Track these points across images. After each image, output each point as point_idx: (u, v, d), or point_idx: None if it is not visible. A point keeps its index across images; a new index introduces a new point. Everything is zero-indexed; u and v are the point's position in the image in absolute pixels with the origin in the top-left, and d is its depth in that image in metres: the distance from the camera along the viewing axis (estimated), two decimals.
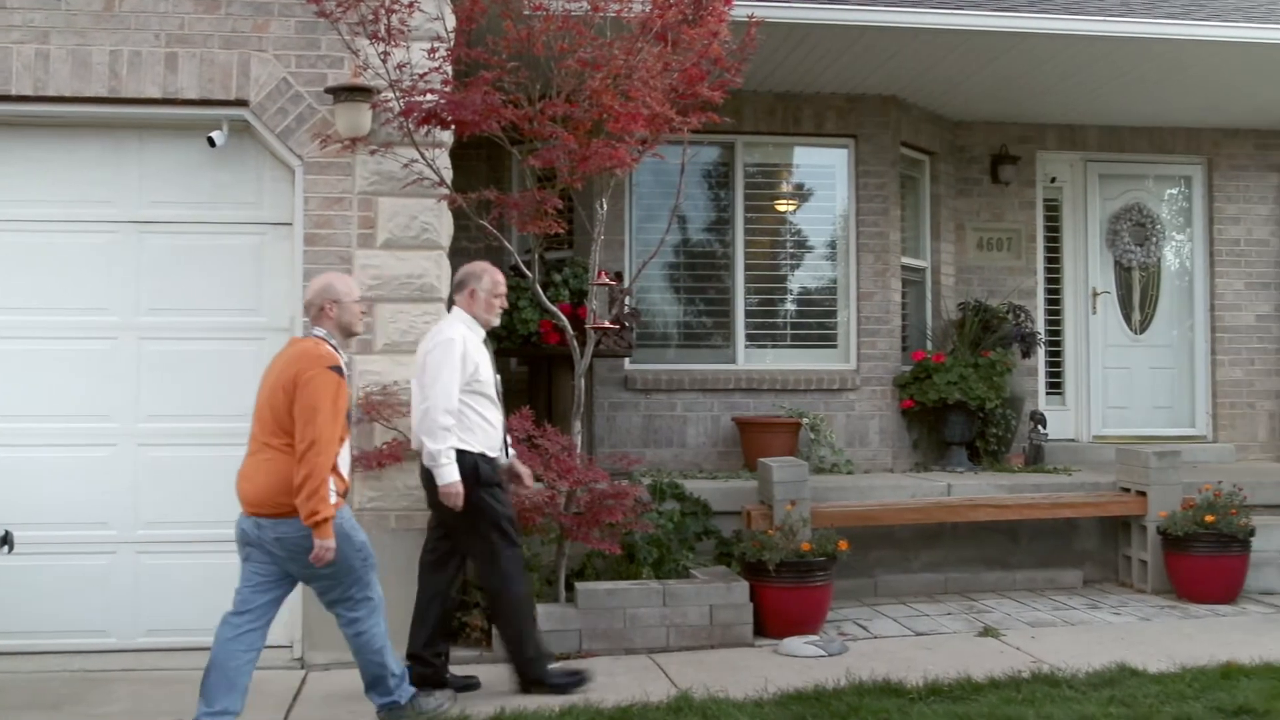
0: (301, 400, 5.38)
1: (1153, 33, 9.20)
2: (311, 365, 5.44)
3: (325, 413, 5.38)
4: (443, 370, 6.10)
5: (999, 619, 7.86)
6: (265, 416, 5.52)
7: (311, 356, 5.49)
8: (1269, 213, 12.05)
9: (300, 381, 5.40)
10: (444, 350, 6.15)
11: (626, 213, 10.12)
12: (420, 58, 6.76)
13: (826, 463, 9.87)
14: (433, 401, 6.07)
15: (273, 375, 5.58)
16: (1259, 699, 5.76)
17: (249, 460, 5.57)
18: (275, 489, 5.40)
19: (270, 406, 5.49)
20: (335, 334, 5.70)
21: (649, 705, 5.81)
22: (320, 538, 5.35)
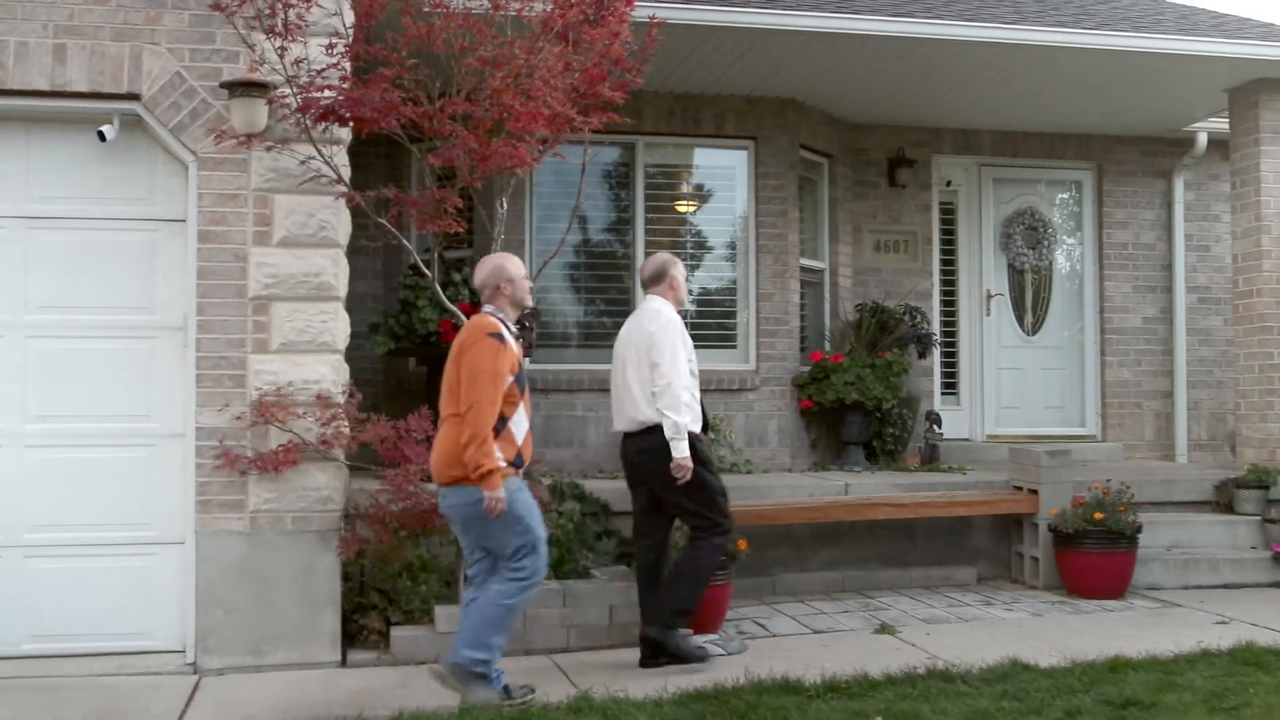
0: (465, 366, 5.83)
1: (1044, 40, 9.39)
2: (474, 334, 5.91)
3: (485, 374, 5.78)
4: (678, 349, 6.67)
5: (895, 616, 7.96)
6: (448, 390, 5.95)
7: (476, 326, 5.97)
8: (1155, 218, 12.36)
9: (465, 349, 5.87)
10: (671, 331, 6.71)
11: (527, 212, 10.08)
12: (318, 53, 6.66)
13: (726, 462, 9.91)
14: (673, 378, 6.59)
15: (452, 351, 6.01)
16: (1145, 691, 5.90)
17: (437, 433, 6.06)
18: (443, 460, 5.90)
19: (449, 378, 5.94)
20: (507, 309, 6.12)
21: (549, 705, 5.79)
22: (488, 489, 5.72)
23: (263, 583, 6.71)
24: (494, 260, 6.23)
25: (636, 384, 6.73)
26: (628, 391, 6.79)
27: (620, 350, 6.95)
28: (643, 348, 6.72)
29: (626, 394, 6.80)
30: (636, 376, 6.73)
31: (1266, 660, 6.53)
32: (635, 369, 6.74)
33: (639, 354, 6.73)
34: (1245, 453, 10.22)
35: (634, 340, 6.82)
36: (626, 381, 6.81)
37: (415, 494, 6.75)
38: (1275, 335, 10.01)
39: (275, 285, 6.81)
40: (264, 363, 6.78)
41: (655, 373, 6.62)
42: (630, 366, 6.78)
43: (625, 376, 6.82)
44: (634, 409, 6.75)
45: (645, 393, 6.69)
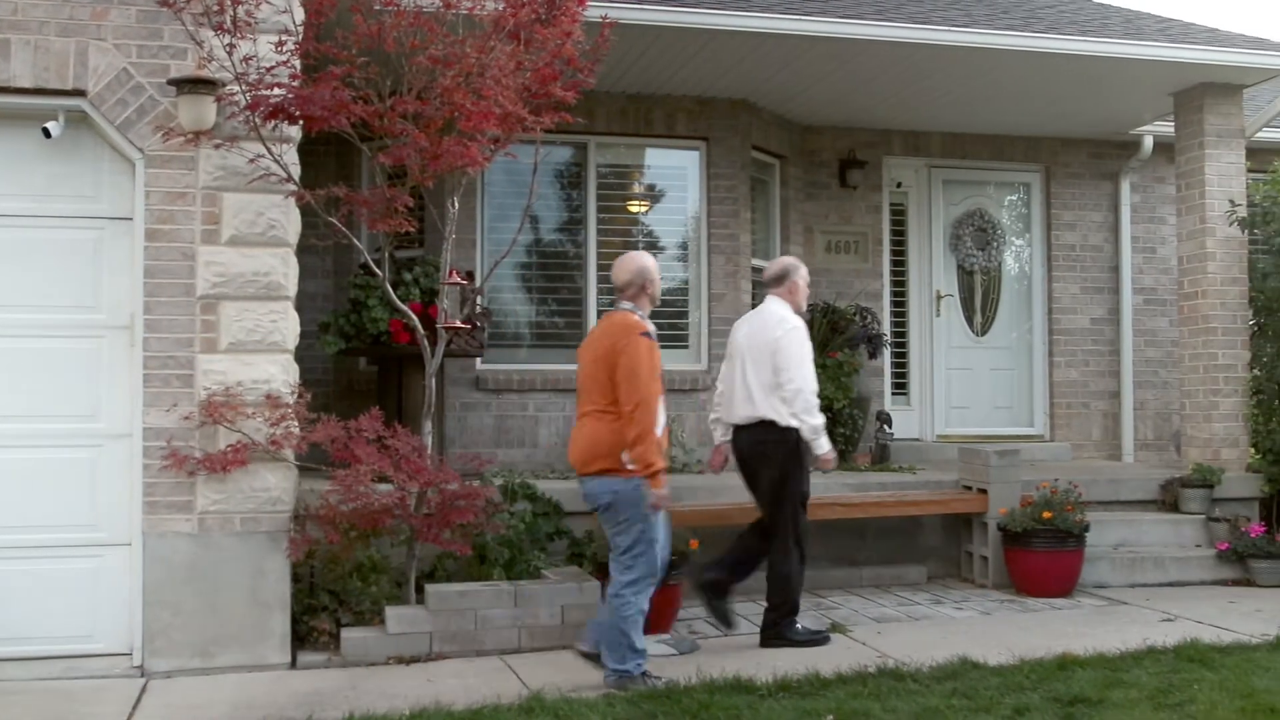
0: (622, 365, 6.09)
1: (994, 44, 9.46)
2: (626, 332, 6.18)
3: (646, 373, 6.09)
4: (805, 355, 7.10)
5: (846, 615, 8.00)
6: (589, 387, 6.28)
7: (624, 326, 6.24)
8: (1103, 219, 12.49)
9: (618, 349, 6.13)
10: (798, 335, 7.13)
11: (478, 212, 10.05)
12: (268, 51, 6.61)
13: (678, 462, 9.92)
14: (802, 384, 7.02)
15: (590, 348, 6.35)
16: (1093, 688, 5.96)
17: (576, 425, 6.40)
18: (588, 451, 6.21)
19: (592, 378, 6.24)
20: (646, 308, 6.42)
21: (500, 706, 5.78)
22: (655, 487, 6.08)
23: (211, 584, 6.65)
24: (638, 260, 6.54)
25: (755, 383, 7.12)
26: (745, 389, 7.16)
27: (739, 347, 7.30)
28: (766, 350, 7.10)
29: (744, 391, 7.17)
30: (756, 376, 7.12)
31: (1210, 657, 6.61)
32: (755, 368, 7.13)
33: (760, 355, 7.11)
34: (1190, 452, 10.35)
35: (755, 341, 7.19)
36: (746, 380, 7.16)
37: (366, 494, 6.71)
38: (1219, 336, 10.15)
39: (224, 284, 6.74)
40: (212, 362, 6.72)
41: (783, 377, 7.02)
42: (751, 365, 7.15)
43: (745, 375, 7.17)
44: (750, 406, 7.16)
45: (763, 392, 7.09)
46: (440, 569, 7.47)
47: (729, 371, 7.39)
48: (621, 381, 6.10)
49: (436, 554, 7.38)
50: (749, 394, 7.15)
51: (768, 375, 7.09)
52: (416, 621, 6.88)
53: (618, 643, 6.17)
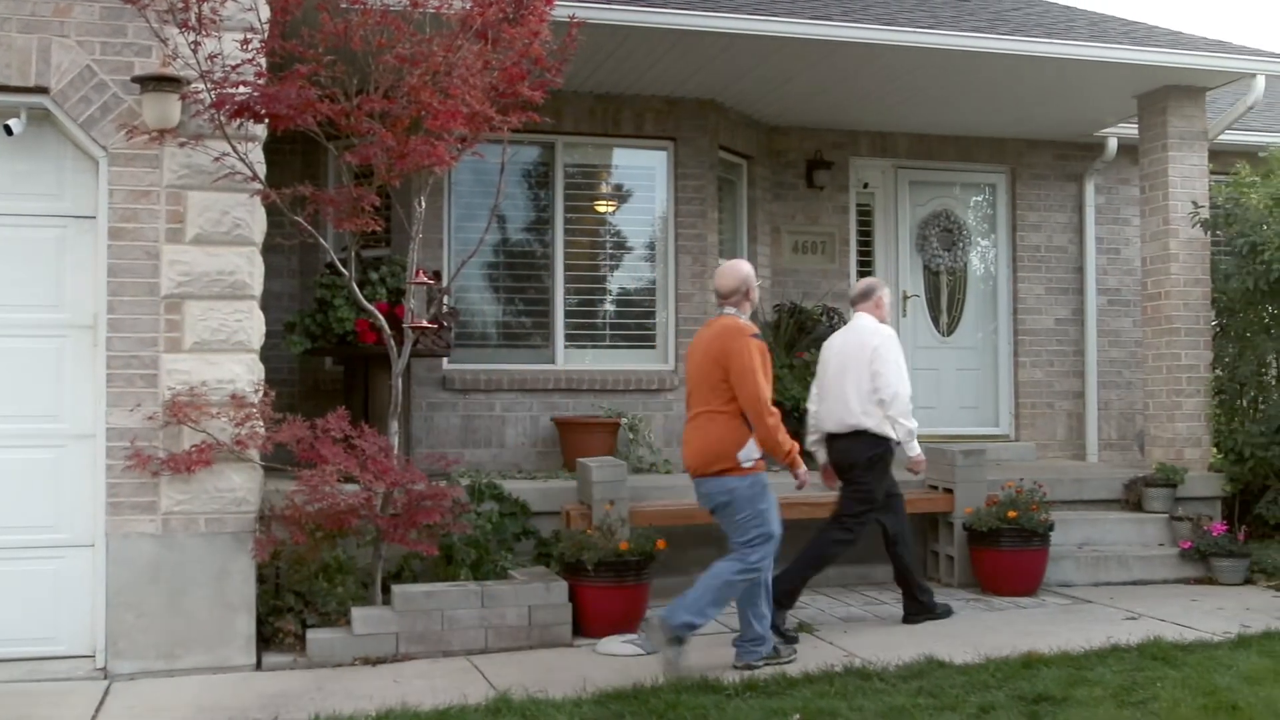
0: (735, 367, 6.44)
1: (960, 45, 9.50)
2: (736, 336, 6.52)
3: (759, 373, 6.47)
4: (900, 362, 7.55)
5: (813, 614, 8.02)
6: (701, 388, 6.61)
7: (735, 329, 6.57)
8: (1067, 220, 12.57)
9: (731, 352, 6.45)
10: (893, 344, 7.60)
11: (445, 211, 10.03)
12: (233, 49, 6.58)
13: (645, 462, 9.93)
14: (899, 389, 7.45)
15: (700, 352, 6.67)
16: (1057, 687, 6.00)
17: (686, 429, 6.75)
18: (707, 453, 6.54)
19: (705, 379, 6.57)
20: (747, 312, 6.77)
21: (467, 707, 5.77)
22: (795, 467, 6.71)
23: (175, 585, 6.60)
24: (742, 268, 6.84)
25: (853, 392, 7.51)
26: (842, 398, 7.55)
27: (835, 359, 7.70)
28: (863, 359, 7.52)
29: (841, 400, 7.56)
30: (854, 385, 7.51)
31: (1173, 655, 6.67)
32: (854, 377, 7.52)
33: (858, 364, 7.52)
34: (1154, 452, 10.43)
35: (851, 351, 7.61)
36: (843, 389, 7.55)
37: (332, 494, 6.68)
38: (1182, 337, 10.23)
39: (188, 283, 6.70)
40: (177, 362, 6.67)
41: (880, 382, 7.45)
42: (849, 374, 7.55)
43: (842, 384, 7.56)
44: (846, 413, 7.55)
45: (860, 400, 7.49)
46: (407, 569, 7.45)
47: (821, 387, 7.79)
48: (736, 382, 6.46)
49: (403, 554, 7.36)
50: (845, 403, 7.53)
51: (866, 383, 7.49)
52: (383, 622, 6.86)
53: (696, 597, 6.50)
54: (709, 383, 6.56)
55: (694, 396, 6.69)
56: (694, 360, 6.75)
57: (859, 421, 7.50)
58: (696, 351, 6.76)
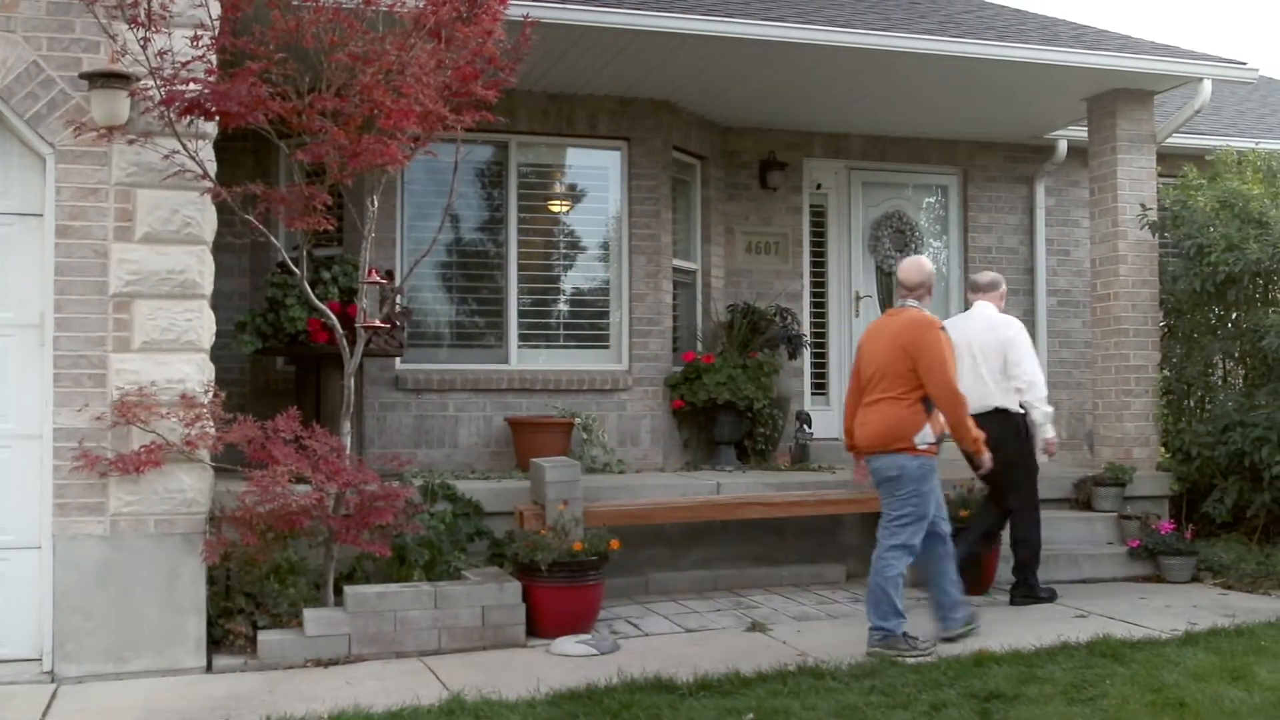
0: (923, 356, 6.87)
1: (912, 48, 9.56)
2: (927, 329, 6.96)
3: (947, 363, 6.92)
4: (1031, 350, 8.28)
5: (767, 614, 8.04)
6: (884, 375, 7.00)
7: (925, 322, 7.02)
8: (1018, 222, 12.68)
9: (921, 344, 6.89)
10: (1024, 334, 8.30)
11: (398, 210, 9.98)
12: (183, 45, 6.51)
13: (599, 462, 9.93)
14: (1036, 375, 8.15)
15: (885, 341, 7.07)
16: (1008, 684, 6.04)
17: (864, 411, 7.14)
18: (886, 433, 6.97)
19: (890, 366, 6.97)
20: (927, 304, 7.24)
21: (420, 708, 5.74)
22: (979, 455, 7.25)
23: (124, 588, 6.54)
24: (926, 264, 7.38)
25: (989, 376, 8.14)
26: (980, 381, 8.09)
27: (970, 347, 8.17)
28: (996, 347, 8.17)
29: (978, 384, 8.05)
30: (989, 370, 8.15)
31: (1122, 652, 6.73)
32: (987, 363, 8.15)
33: (993, 352, 8.16)
34: (1103, 451, 10.53)
35: (984, 339, 8.22)
36: (980, 374, 8.13)
37: (283, 495, 6.63)
38: (1131, 338, 10.33)
39: (137, 282, 6.63)
40: (126, 361, 6.60)
41: (1017, 370, 8.11)
42: (982, 361, 8.16)
43: (979, 370, 8.14)
44: (988, 396, 8.11)
45: (997, 384, 8.13)
46: (359, 570, 7.40)
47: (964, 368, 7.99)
48: (926, 372, 6.89)
49: (355, 555, 7.31)
50: (986, 387, 8.10)
51: (1000, 367, 8.14)
52: (335, 624, 6.82)
53: (881, 602, 6.89)
54: (895, 371, 6.97)
55: (874, 382, 7.09)
56: (876, 348, 7.14)
57: (999, 402, 8.13)
58: (880, 340, 7.14)
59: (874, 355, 7.14)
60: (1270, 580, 8.83)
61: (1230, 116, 13.64)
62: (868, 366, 7.17)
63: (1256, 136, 12.45)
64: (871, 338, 7.28)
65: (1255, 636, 7.11)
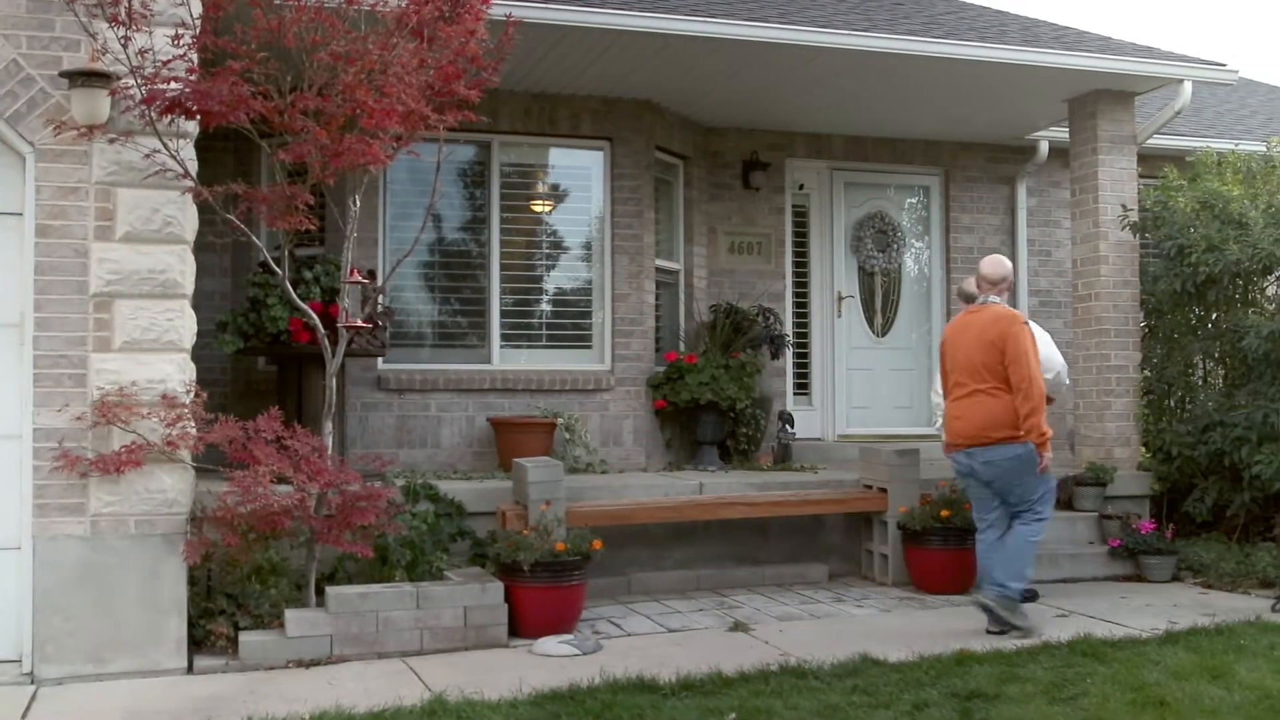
0: (1010, 349, 7.28)
1: (894, 48, 9.59)
2: (1013, 323, 7.40)
3: (1031, 356, 7.30)
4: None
5: (749, 614, 8.04)
6: (975, 367, 7.38)
7: (1011, 317, 7.46)
8: (1000, 222, 12.72)
9: (1009, 336, 7.30)
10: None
11: (380, 210, 9.97)
12: (164, 44, 6.49)
13: (581, 463, 9.92)
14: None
15: (974, 335, 7.43)
16: (989, 684, 6.06)
17: (959, 404, 7.48)
18: (990, 424, 7.32)
19: (981, 360, 7.36)
20: (1006, 300, 7.62)
21: (402, 709, 5.73)
22: (1045, 449, 7.36)
23: (104, 588, 6.51)
24: (1007, 262, 7.74)
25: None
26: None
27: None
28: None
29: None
30: None
31: (1103, 651, 6.76)
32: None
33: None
34: (1084, 451, 10.57)
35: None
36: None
37: (265, 495, 6.61)
38: (1112, 338, 10.37)
39: (118, 282, 6.60)
40: (106, 361, 6.57)
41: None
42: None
43: None
44: None
45: None
46: (341, 571, 7.39)
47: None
48: (1012, 364, 7.27)
49: (337, 556, 7.30)
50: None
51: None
52: (317, 624, 6.80)
53: (1013, 565, 7.37)
54: (987, 364, 7.37)
55: (966, 375, 7.45)
56: (965, 342, 7.50)
57: None
58: (968, 334, 7.50)
59: (963, 349, 7.52)
60: (1250, 579, 8.87)
61: (1210, 118, 13.71)
62: (957, 362, 7.56)
63: (1236, 138, 12.51)
64: (958, 334, 7.63)
65: (1235, 635, 7.14)
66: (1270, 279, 10.09)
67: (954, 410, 7.57)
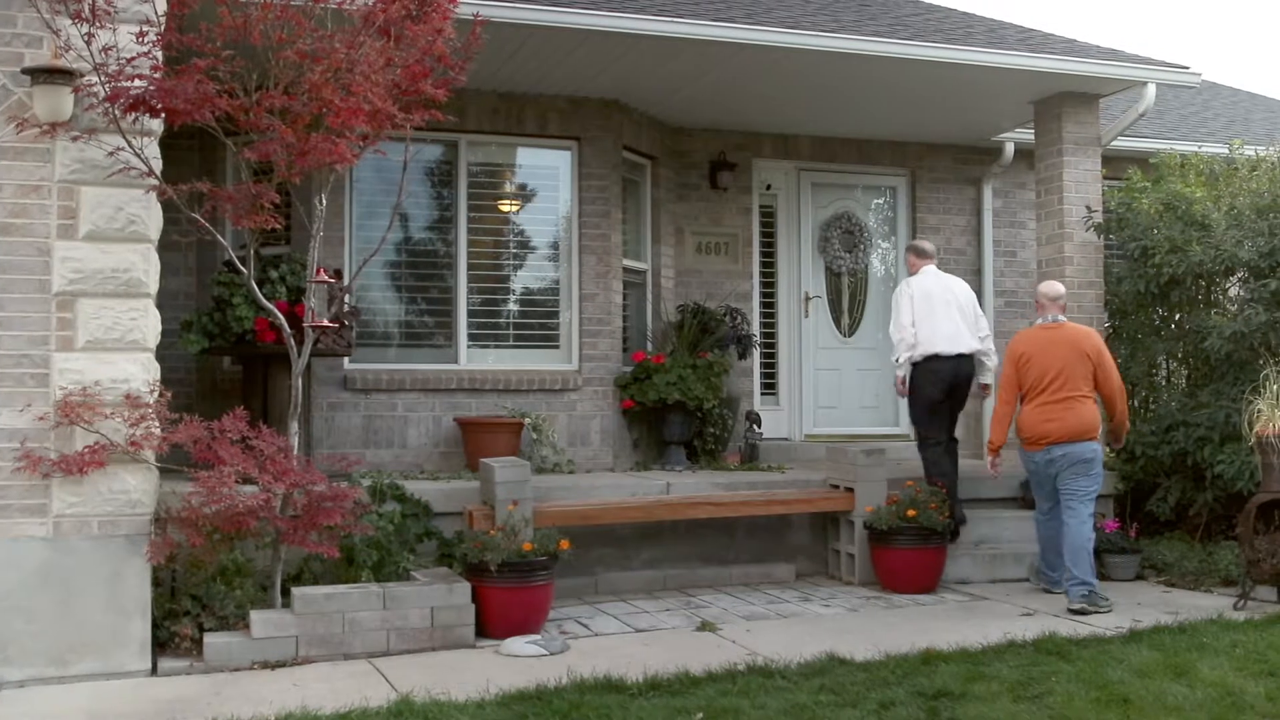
0: (1105, 362, 8.58)
1: (861, 49, 9.60)
2: (1097, 335, 8.83)
3: (1116, 367, 8.75)
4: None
5: (716, 614, 8.05)
6: (1073, 377, 8.47)
7: (1089, 331, 8.86)
8: (966, 223, 12.77)
9: (1102, 350, 8.62)
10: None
11: (347, 209, 9.92)
12: (129, 41, 6.44)
13: (549, 463, 9.91)
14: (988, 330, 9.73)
15: (1065, 348, 8.54)
16: (956, 682, 6.09)
17: (1055, 407, 8.48)
18: (1084, 426, 8.41)
19: (1078, 370, 8.48)
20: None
21: (369, 710, 5.71)
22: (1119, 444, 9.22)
23: (67, 590, 6.45)
24: (1058, 284, 9.01)
25: (964, 324, 9.42)
26: (958, 329, 9.38)
27: (947, 298, 9.44)
28: (968, 302, 9.57)
29: (957, 330, 9.37)
30: (962, 319, 9.41)
31: (1068, 650, 6.80)
32: (961, 313, 9.44)
33: (964, 304, 9.50)
34: None
35: (959, 294, 9.53)
36: (959, 323, 9.40)
37: (230, 496, 6.56)
38: None
39: (81, 280, 6.55)
40: (69, 361, 6.52)
41: (980, 322, 9.59)
42: (957, 311, 9.42)
43: (957, 319, 9.40)
44: (965, 341, 9.38)
45: (970, 331, 9.43)
46: (307, 572, 7.35)
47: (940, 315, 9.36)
48: (1107, 374, 8.56)
49: (303, 556, 7.27)
50: (962, 333, 9.39)
51: (972, 319, 9.50)
52: (282, 625, 6.76)
53: (1082, 560, 8.17)
54: (1081, 373, 8.48)
55: (1061, 383, 8.45)
56: (1058, 354, 8.51)
57: (971, 346, 9.45)
58: (1059, 348, 8.54)
59: (1056, 361, 8.50)
60: (1212, 578, 8.94)
61: (1174, 120, 13.82)
62: (1048, 371, 8.49)
63: (1199, 140, 12.61)
64: (1046, 347, 8.59)
65: (1198, 633, 7.20)
66: (1232, 280, 10.18)
67: (1047, 414, 8.50)
